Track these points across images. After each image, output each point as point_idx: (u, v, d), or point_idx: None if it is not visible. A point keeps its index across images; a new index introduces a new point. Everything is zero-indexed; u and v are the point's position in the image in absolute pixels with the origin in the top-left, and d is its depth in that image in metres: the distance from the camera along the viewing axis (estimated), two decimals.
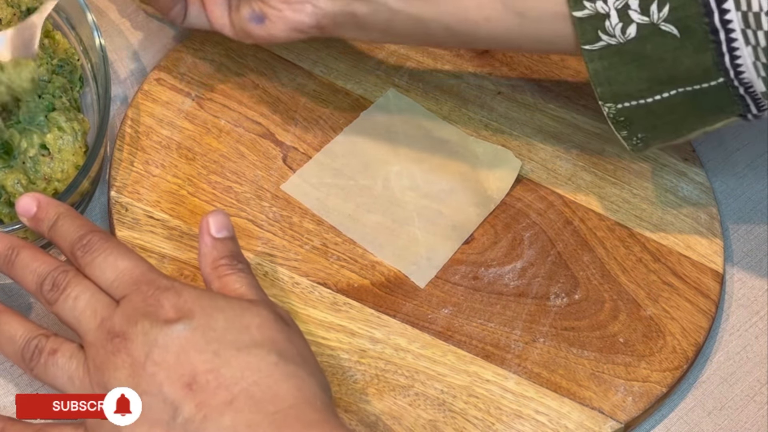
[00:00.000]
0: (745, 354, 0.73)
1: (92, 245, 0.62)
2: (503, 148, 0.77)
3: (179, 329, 0.57)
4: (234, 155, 0.74)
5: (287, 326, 0.60)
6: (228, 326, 0.58)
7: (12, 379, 0.66)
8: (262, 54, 0.80)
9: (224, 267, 0.62)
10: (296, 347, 0.59)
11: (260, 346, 0.58)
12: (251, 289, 0.62)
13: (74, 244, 0.62)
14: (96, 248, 0.61)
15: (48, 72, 0.72)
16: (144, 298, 0.59)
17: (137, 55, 0.80)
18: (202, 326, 0.58)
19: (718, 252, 0.75)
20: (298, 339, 0.61)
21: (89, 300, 0.60)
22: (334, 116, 0.78)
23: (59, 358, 0.60)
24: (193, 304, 0.59)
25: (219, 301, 0.60)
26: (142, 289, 0.60)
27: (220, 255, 0.63)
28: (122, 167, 0.72)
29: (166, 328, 0.57)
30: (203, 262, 0.63)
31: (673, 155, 0.79)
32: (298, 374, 0.58)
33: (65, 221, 0.63)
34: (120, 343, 0.58)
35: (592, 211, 0.76)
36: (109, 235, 0.63)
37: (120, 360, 0.58)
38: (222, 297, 0.60)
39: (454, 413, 0.66)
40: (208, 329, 0.58)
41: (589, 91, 0.82)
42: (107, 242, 0.62)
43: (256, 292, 0.62)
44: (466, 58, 0.82)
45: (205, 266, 0.63)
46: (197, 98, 0.77)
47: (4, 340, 0.61)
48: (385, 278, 0.71)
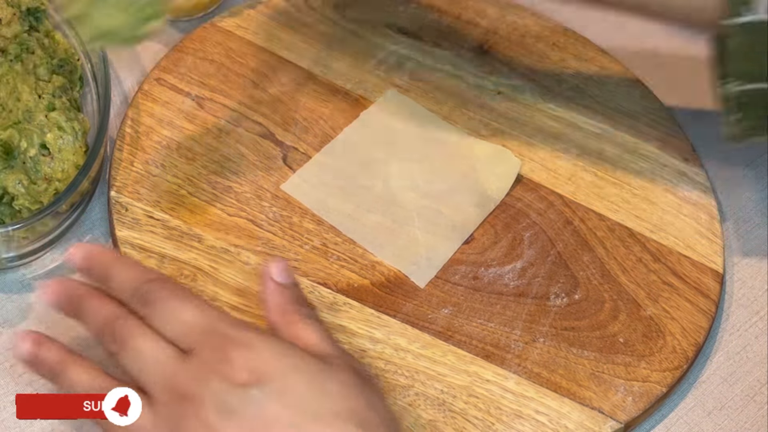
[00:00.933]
0: (745, 354, 0.73)
1: (151, 295, 0.58)
2: (503, 147, 0.77)
3: (254, 395, 0.54)
4: (234, 155, 0.74)
5: (367, 388, 0.57)
6: (306, 392, 0.55)
7: (12, 379, 0.66)
8: (262, 54, 0.80)
9: (293, 314, 0.60)
10: (378, 414, 0.57)
11: (341, 418, 0.55)
12: (324, 341, 0.59)
13: (132, 296, 0.58)
14: (155, 298, 0.58)
15: (48, 72, 0.72)
16: (213, 354, 0.56)
17: (137, 55, 0.80)
18: (278, 391, 0.55)
19: (718, 252, 0.75)
20: (378, 401, 0.58)
21: (152, 354, 0.56)
22: (334, 116, 0.78)
23: None
24: (268, 364, 0.55)
25: (296, 359, 0.56)
26: (211, 342, 0.56)
27: (286, 301, 0.60)
28: (122, 167, 0.72)
29: (240, 393, 0.54)
30: (269, 308, 0.61)
31: (673, 155, 0.79)
32: None
33: (119, 271, 0.59)
34: (189, 407, 0.55)
35: (592, 211, 0.76)
36: (168, 281, 0.60)
37: (191, 425, 0.54)
38: (298, 354, 0.57)
39: (454, 413, 0.66)
40: (285, 394, 0.55)
41: (589, 91, 0.82)
42: (166, 290, 0.58)
43: (330, 345, 0.59)
44: (466, 58, 0.82)
45: (271, 313, 0.60)
46: (197, 98, 0.77)
47: None
48: (385, 278, 0.71)
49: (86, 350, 0.61)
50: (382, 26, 0.83)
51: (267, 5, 0.83)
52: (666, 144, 0.80)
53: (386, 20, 0.83)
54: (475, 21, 0.84)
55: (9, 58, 0.71)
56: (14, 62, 0.71)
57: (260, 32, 0.81)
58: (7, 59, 0.71)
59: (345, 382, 0.57)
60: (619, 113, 0.81)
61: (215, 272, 0.69)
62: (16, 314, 0.68)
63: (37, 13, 0.74)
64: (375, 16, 0.84)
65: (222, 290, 0.68)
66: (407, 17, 0.84)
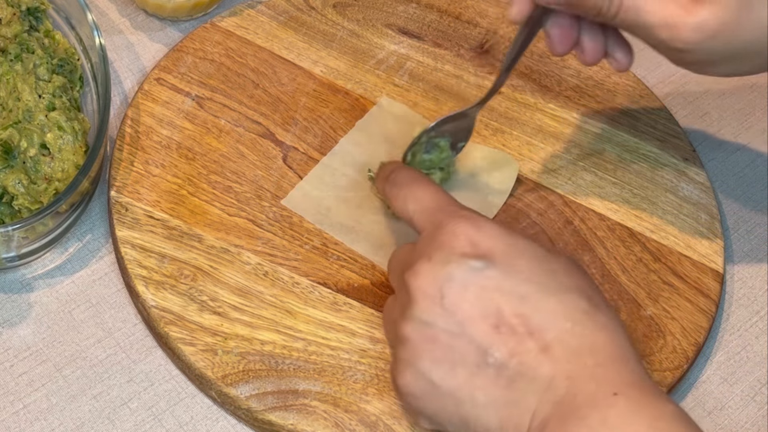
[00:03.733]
0: (745, 354, 0.73)
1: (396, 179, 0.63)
2: (501, 151, 0.77)
3: (477, 266, 0.55)
4: (234, 155, 0.74)
5: (587, 275, 0.58)
6: (533, 269, 0.55)
7: (12, 378, 0.66)
8: (262, 54, 0.80)
9: None
10: (601, 295, 0.56)
11: (570, 292, 0.55)
12: None
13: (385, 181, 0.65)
14: (399, 182, 0.63)
15: (48, 72, 0.72)
16: (438, 228, 0.57)
17: (137, 55, 0.80)
18: (504, 266, 0.55)
19: (718, 252, 0.75)
20: (599, 288, 0.58)
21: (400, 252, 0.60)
22: (334, 116, 0.78)
23: None
24: (493, 242, 0.56)
25: (520, 241, 0.57)
26: (437, 218, 0.58)
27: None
28: (122, 167, 0.72)
29: (462, 263, 0.55)
30: None
31: (673, 155, 0.79)
32: (608, 326, 0.55)
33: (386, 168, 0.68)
34: (410, 277, 0.56)
35: (592, 211, 0.76)
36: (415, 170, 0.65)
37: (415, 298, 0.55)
38: (521, 237, 0.57)
39: None
40: (512, 271, 0.55)
41: (589, 91, 0.82)
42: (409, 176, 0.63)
43: None
44: (466, 58, 0.82)
45: None
46: (197, 98, 0.77)
47: None
48: (385, 278, 0.71)
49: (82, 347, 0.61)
50: (382, 26, 0.83)
51: (267, 5, 0.83)
52: (666, 144, 0.80)
53: (386, 20, 0.83)
54: (475, 21, 0.84)
55: (9, 58, 0.71)
56: (14, 62, 0.71)
57: (260, 32, 0.81)
58: (7, 59, 0.71)
59: (568, 263, 0.57)
60: (619, 113, 0.81)
61: (215, 272, 0.69)
62: (16, 314, 0.68)
63: (37, 13, 0.74)
64: (375, 16, 0.84)
65: (222, 290, 0.68)
66: (407, 17, 0.84)
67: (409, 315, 0.56)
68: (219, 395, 0.65)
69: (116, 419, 0.65)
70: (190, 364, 0.65)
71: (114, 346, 0.67)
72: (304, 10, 0.83)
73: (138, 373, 0.66)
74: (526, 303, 0.54)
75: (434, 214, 0.59)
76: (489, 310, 0.54)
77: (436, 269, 0.55)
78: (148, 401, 0.66)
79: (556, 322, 0.53)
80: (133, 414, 0.65)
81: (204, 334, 0.66)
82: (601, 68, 0.83)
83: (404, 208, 0.61)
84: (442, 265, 0.55)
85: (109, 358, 0.67)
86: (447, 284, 0.54)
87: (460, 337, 0.53)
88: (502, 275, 0.54)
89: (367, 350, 0.68)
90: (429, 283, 0.55)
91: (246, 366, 0.65)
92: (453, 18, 0.84)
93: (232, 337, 0.66)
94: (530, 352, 0.53)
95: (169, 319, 0.66)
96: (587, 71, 0.83)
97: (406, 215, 0.61)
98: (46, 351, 0.67)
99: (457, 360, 0.54)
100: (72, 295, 0.69)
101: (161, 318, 0.66)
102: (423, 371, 0.56)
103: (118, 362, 0.67)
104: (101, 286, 0.70)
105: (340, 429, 0.64)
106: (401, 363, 0.57)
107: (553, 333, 0.53)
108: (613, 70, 0.83)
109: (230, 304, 0.68)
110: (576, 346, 0.53)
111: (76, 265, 0.70)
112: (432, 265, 0.55)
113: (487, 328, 0.53)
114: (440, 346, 0.54)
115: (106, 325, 0.68)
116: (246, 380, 0.65)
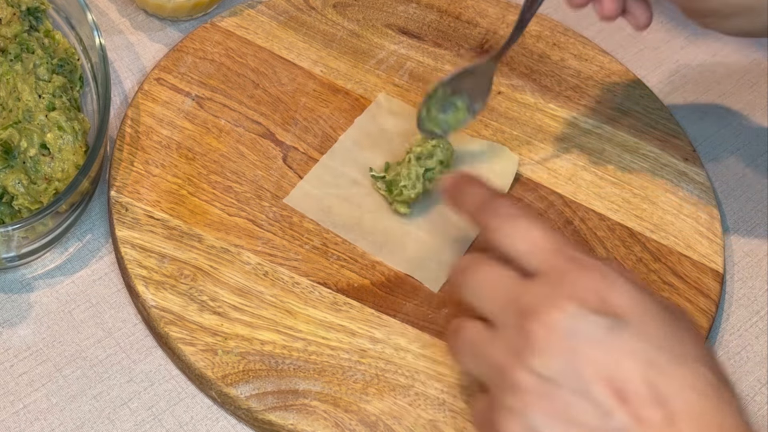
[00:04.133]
0: (745, 354, 0.73)
1: (502, 210, 0.58)
2: (499, 144, 0.77)
3: (607, 325, 0.52)
4: (234, 155, 0.74)
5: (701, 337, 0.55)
6: (665, 335, 0.53)
7: (12, 378, 0.66)
8: (262, 54, 0.80)
9: None
10: (723, 369, 0.54)
11: (698, 362, 0.52)
12: None
13: (479, 208, 0.59)
14: (502, 214, 0.57)
15: (48, 72, 0.72)
16: (562, 275, 0.54)
17: (137, 55, 0.80)
18: (635, 329, 0.52)
19: (718, 252, 0.75)
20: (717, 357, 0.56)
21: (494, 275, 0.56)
22: (334, 116, 0.78)
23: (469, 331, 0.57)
24: (623, 300, 0.53)
25: (651, 303, 0.54)
26: (558, 263, 0.54)
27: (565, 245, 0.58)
28: (122, 167, 0.72)
29: (592, 319, 0.52)
30: None
31: (673, 155, 0.79)
32: (733, 401, 0.53)
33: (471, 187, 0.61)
34: (534, 322, 0.53)
35: (593, 211, 0.76)
36: (515, 200, 0.60)
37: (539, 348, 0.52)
38: (648, 294, 0.54)
39: (454, 413, 0.66)
40: (642, 334, 0.52)
41: (589, 91, 0.82)
42: (516, 207, 0.58)
43: None
44: (466, 58, 0.82)
45: None
46: (197, 98, 0.77)
47: None
48: (385, 278, 0.71)
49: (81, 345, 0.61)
50: (382, 26, 0.83)
51: (267, 5, 0.83)
52: (666, 144, 0.80)
53: (386, 20, 0.84)
54: (475, 21, 0.84)
55: (9, 58, 0.71)
56: (14, 62, 0.71)
57: (260, 32, 0.81)
58: (7, 59, 0.71)
59: (690, 329, 0.54)
60: (619, 113, 0.81)
61: (215, 272, 0.69)
62: (16, 314, 0.68)
63: (37, 13, 0.74)
64: (375, 16, 0.84)
65: (222, 290, 0.68)
66: (407, 17, 0.84)
67: (529, 363, 0.53)
68: (219, 395, 0.65)
69: (116, 419, 0.65)
70: (190, 364, 0.65)
71: (114, 346, 0.67)
72: (304, 10, 0.83)
73: (138, 373, 0.66)
74: (655, 370, 0.52)
75: (553, 256, 0.55)
76: (614, 373, 0.51)
77: (566, 323, 0.52)
78: (148, 401, 0.66)
79: (683, 393, 0.51)
80: (133, 414, 0.65)
81: (204, 334, 0.66)
82: (601, 68, 0.83)
83: (511, 245, 0.56)
84: (573, 319, 0.52)
85: (109, 358, 0.67)
86: (575, 340, 0.52)
87: (583, 396, 0.51)
88: (634, 338, 0.52)
89: (367, 350, 0.68)
90: (558, 336, 0.52)
91: (246, 366, 0.65)
92: (453, 18, 0.84)
93: (232, 337, 0.66)
94: (655, 421, 0.51)
95: (169, 319, 0.66)
96: (587, 71, 0.83)
97: (514, 253, 0.56)
98: (46, 351, 0.67)
99: (574, 419, 0.51)
100: (72, 295, 0.69)
101: (161, 318, 0.66)
102: (534, 424, 0.53)
103: (118, 362, 0.67)
104: (101, 286, 0.70)
105: (340, 429, 0.64)
106: (508, 410, 0.54)
107: (681, 404, 0.51)
108: (613, 69, 0.84)
109: (230, 304, 0.68)
110: (703, 420, 0.51)
111: (76, 265, 0.70)
112: (563, 317, 0.52)
113: (613, 391, 0.51)
114: (558, 403, 0.52)
115: (106, 325, 0.68)
116: (246, 380, 0.65)
